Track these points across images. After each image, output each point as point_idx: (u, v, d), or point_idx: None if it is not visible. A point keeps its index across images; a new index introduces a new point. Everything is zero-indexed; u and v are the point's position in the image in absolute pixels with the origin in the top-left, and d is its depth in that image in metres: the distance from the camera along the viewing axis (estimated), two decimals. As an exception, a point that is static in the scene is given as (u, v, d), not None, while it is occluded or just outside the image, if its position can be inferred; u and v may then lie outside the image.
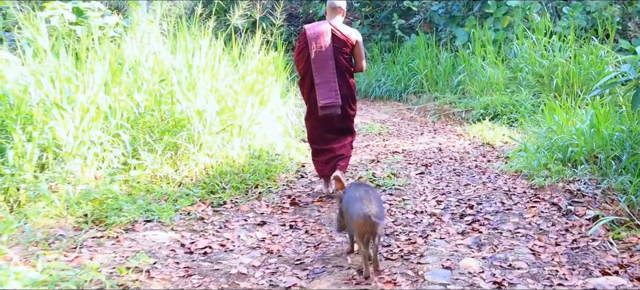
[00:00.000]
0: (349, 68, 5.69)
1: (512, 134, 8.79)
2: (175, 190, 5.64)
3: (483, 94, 11.10)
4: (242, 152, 6.52)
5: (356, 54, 5.70)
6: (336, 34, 5.57)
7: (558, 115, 7.38)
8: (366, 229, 3.74)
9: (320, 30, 5.56)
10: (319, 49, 5.50)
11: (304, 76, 5.72)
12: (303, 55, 5.65)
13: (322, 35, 5.53)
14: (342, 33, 5.59)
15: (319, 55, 5.50)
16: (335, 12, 5.74)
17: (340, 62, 5.59)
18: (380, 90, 14.01)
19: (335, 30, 5.59)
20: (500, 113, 10.12)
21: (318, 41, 5.51)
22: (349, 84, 5.69)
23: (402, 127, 10.25)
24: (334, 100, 5.50)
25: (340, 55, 5.59)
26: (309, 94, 5.69)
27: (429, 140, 8.83)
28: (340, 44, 5.58)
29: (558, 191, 5.69)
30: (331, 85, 5.50)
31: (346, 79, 5.65)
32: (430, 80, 13.04)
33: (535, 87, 10.69)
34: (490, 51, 11.84)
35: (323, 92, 5.50)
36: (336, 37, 5.57)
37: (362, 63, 5.76)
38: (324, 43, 5.51)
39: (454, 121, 10.75)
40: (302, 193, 5.97)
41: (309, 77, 5.62)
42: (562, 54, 10.77)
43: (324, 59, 5.50)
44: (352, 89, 5.74)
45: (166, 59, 6.84)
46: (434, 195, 5.80)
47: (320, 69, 5.51)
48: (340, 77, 5.58)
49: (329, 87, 5.50)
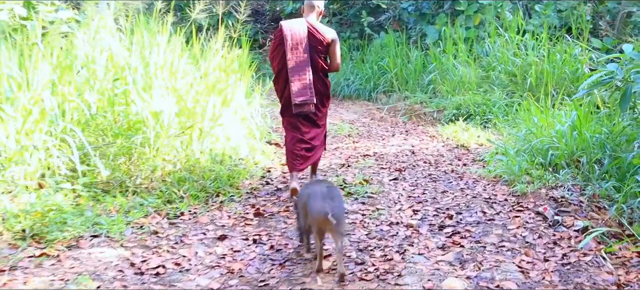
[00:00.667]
0: (325, 67, 5.63)
1: (487, 135, 8.42)
2: (129, 200, 5.12)
3: (455, 93, 10.73)
4: (203, 157, 6.00)
5: (332, 53, 5.61)
6: (312, 32, 5.49)
7: (537, 117, 7.01)
8: (326, 226, 3.69)
9: (297, 28, 5.48)
10: (294, 46, 5.44)
11: (278, 73, 5.61)
12: (278, 52, 5.55)
13: (299, 33, 5.45)
14: (318, 31, 5.51)
15: (294, 52, 5.44)
16: (313, 9, 5.65)
17: (316, 61, 5.52)
18: (349, 89, 13.56)
19: (311, 28, 5.50)
20: (473, 113, 9.76)
21: (294, 38, 5.44)
22: (324, 82, 5.65)
23: (372, 128, 9.82)
24: (308, 97, 5.46)
25: (316, 53, 5.52)
26: (283, 90, 5.60)
27: (401, 142, 8.41)
28: (316, 43, 5.50)
29: (541, 198, 5.31)
30: (305, 83, 5.45)
31: (321, 77, 5.61)
32: (401, 79, 12.63)
33: (509, 87, 10.37)
34: (462, 49, 11.47)
35: (297, 89, 5.45)
36: (312, 36, 5.49)
37: (337, 62, 5.68)
38: (300, 41, 5.44)
39: (426, 121, 10.36)
40: (267, 202, 5.48)
41: (284, 74, 5.52)
42: (535, 53, 10.48)
43: (300, 56, 5.45)
44: (327, 87, 5.70)
45: (122, 56, 6.29)
46: (410, 203, 5.37)
47: (295, 67, 5.44)
48: (316, 75, 5.53)
49: (303, 84, 5.45)
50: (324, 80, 5.66)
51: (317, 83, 5.56)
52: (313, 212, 3.72)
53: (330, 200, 3.72)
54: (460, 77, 10.84)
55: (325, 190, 3.84)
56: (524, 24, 11.13)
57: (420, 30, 13.41)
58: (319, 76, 5.58)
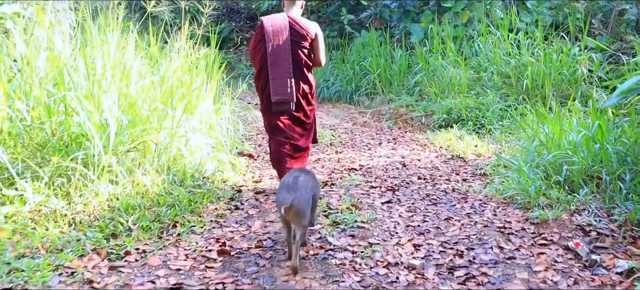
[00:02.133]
0: (308, 63, 5.31)
1: (485, 144, 7.47)
2: (64, 234, 4.07)
3: (444, 96, 9.77)
4: (158, 177, 4.94)
5: (315, 48, 5.30)
6: (295, 27, 5.18)
7: (546, 125, 6.06)
8: (288, 217, 3.67)
9: (279, 23, 5.17)
10: (276, 42, 5.13)
11: (259, 70, 5.27)
12: (259, 48, 5.23)
13: (280, 28, 5.15)
14: (301, 26, 5.20)
15: (275, 49, 5.13)
16: (293, 3, 5.35)
17: (299, 57, 5.22)
18: (329, 91, 12.54)
19: (293, 23, 5.19)
20: (465, 118, 8.81)
21: (276, 34, 5.14)
22: (307, 80, 5.33)
23: (356, 135, 8.81)
24: (287, 96, 5.16)
25: (299, 49, 5.21)
26: (264, 88, 5.27)
27: (389, 153, 7.40)
28: (299, 38, 5.19)
29: (566, 227, 4.35)
30: (284, 80, 5.14)
31: (305, 74, 5.30)
32: (384, 81, 11.63)
33: (502, 89, 9.45)
34: (451, 49, 10.52)
35: (276, 87, 5.15)
36: (295, 31, 5.18)
37: (321, 58, 5.34)
38: (281, 36, 5.14)
39: (414, 127, 9.38)
40: (235, 233, 4.43)
41: (265, 71, 5.20)
42: (529, 53, 9.56)
43: (281, 53, 5.13)
44: (311, 84, 5.37)
45: (65, 56, 5.22)
46: (409, 235, 4.36)
47: (275, 63, 5.14)
48: (299, 72, 5.23)
49: (282, 82, 5.14)
50: (307, 78, 5.32)
51: (301, 80, 5.25)
52: (275, 203, 3.76)
53: (294, 191, 3.65)
54: (450, 79, 9.89)
55: (291, 180, 3.78)
56: (518, 22, 10.19)
57: (404, 29, 12.43)
58: (302, 73, 5.26)
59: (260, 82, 5.30)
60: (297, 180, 3.78)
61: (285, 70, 5.14)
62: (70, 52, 5.48)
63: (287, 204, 3.56)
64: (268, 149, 5.95)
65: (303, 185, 3.76)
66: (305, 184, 3.78)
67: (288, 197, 3.61)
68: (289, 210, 3.60)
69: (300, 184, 3.75)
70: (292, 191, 3.65)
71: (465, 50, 10.57)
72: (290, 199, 3.59)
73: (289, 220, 3.68)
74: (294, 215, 3.63)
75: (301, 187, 3.72)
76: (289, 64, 5.14)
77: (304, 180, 3.83)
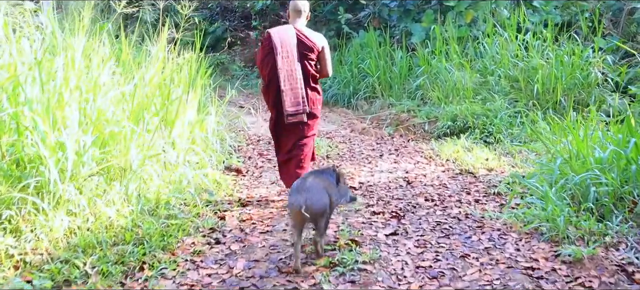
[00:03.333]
0: (315, 75, 5.25)
1: (494, 156, 6.74)
2: (6, 280, 3.34)
3: (448, 101, 9.04)
4: (126, 208, 4.20)
5: (322, 59, 5.26)
6: (302, 39, 5.12)
7: (569, 140, 5.33)
8: (298, 218, 3.59)
9: (286, 36, 5.10)
10: (285, 55, 5.04)
11: (269, 83, 5.16)
12: (268, 61, 5.11)
13: (288, 41, 5.08)
14: (308, 38, 5.14)
15: (285, 61, 5.04)
16: (299, 14, 5.25)
17: (306, 69, 5.15)
18: (326, 95, 11.76)
19: (300, 35, 5.13)
20: (471, 126, 8.08)
21: (284, 47, 5.06)
22: (316, 91, 5.28)
23: (354, 144, 8.07)
24: (301, 108, 5.10)
25: (306, 61, 5.14)
26: (275, 101, 5.15)
27: (391, 167, 6.66)
28: (306, 50, 5.12)
29: (604, 268, 3.62)
30: (297, 92, 5.08)
31: (312, 85, 5.23)
32: (384, 84, 10.87)
33: (511, 94, 8.71)
34: (455, 51, 9.77)
35: (289, 99, 5.06)
36: (302, 43, 5.11)
37: (328, 69, 5.32)
38: (290, 49, 5.06)
39: (416, 135, 8.64)
40: (213, 276, 3.68)
41: (275, 84, 5.09)
42: (539, 55, 8.83)
43: (290, 66, 5.06)
44: (318, 94, 5.31)
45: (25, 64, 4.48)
46: (420, 280, 3.60)
47: (286, 77, 5.05)
48: (307, 84, 5.16)
49: (295, 94, 5.08)
50: (315, 89, 5.27)
51: (309, 92, 5.17)
52: (289, 206, 3.66)
53: (306, 193, 3.60)
54: (454, 83, 9.15)
55: (300, 183, 3.76)
56: (527, 21, 9.44)
57: (405, 29, 11.68)
58: (310, 85, 5.19)
59: (270, 95, 5.19)
60: (305, 181, 3.75)
61: (296, 83, 5.06)
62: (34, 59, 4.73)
63: (300, 206, 3.51)
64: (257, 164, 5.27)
65: (312, 185, 3.71)
66: (315, 185, 3.73)
67: (300, 198, 3.56)
68: (301, 212, 3.50)
69: (309, 184, 3.71)
70: (303, 192, 3.61)
71: (471, 52, 9.82)
72: (302, 200, 3.53)
73: (303, 221, 3.60)
74: (310, 216, 3.53)
75: (311, 187, 3.68)
76: (299, 76, 5.06)
77: (312, 181, 3.77)
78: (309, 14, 5.39)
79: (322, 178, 3.94)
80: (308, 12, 5.34)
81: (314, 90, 5.24)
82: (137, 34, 6.59)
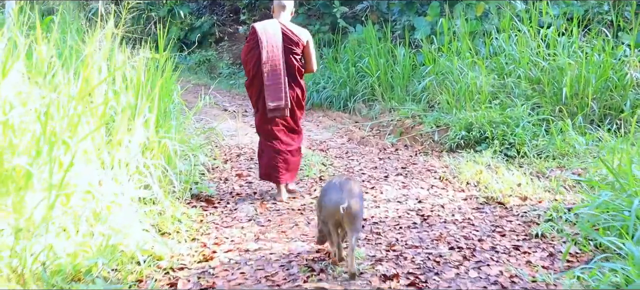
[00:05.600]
0: (300, 69, 5.19)
1: (525, 178, 5.34)
2: None
3: (460, 106, 7.63)
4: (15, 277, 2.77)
5: (307, 54, 5.20)
6: (287, 33, 5.04)
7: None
8: (335, 218, 3.44)
9: (271, 29, 5.02)
10: (270, 49, 4.97)
11: (252, 77, 5.10)
12: (252, 55, 5.05)
13: (273, 35, 5.00)
14: (292, 33, 5.06)
15: (269, 55, 4.97)
16: (284, 9, 5.16)
17: (291, 63, 5.08)
18: (319, 96, 10.32)
19: (285, 29, 5.05)
20: (489, 136, 6.69)
21: (269, 41, 4.98)
22: (300, 86, 5.20)
23: (353, 160, 6.66)
24: (282, 102, 5.02)
25: (291, 55, 5.07)
26: (258, 95, 5.11)
27: (400, 193, 5.24)
28: (291, 44, 5.05)
29: None
30: (280, 86, 5.01)
31: (297, 80, 5.17)
32: (385, 85, 9.42)
33: (533, 98, 7.32)
34: (468, 47, 8.36)
35: (272, 93, 5.00)
36: (287, 37, 5.04)
37: (312, 64, 5.28)
38: (274, 43, 4.99)
39: (425, 146, 7.24)
40: None
41: (259, 78, 5.04)
42: (565, 53, 7.45)
43: (275, 60, 4.98)
44: (303, 90, 5.25)
45: None
46: None
47: (270, 71, 4.98)
48: (291, 78, 5.10)
49: (278, 88, 5.01)
50: (299, 83, 5.20)
51: (293, 87, 5.12)
52: (328, 204, 3.47)
53: (347, 193, 3.44)
54: (467, 85, 7.73)
55: (340, 183, 3.58)
56: (551, 14, 8.02)
57: (407, 23, 10.23)
58: (294, 79, 5.14)
59: (253, 89, 5.12)
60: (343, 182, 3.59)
61: (279, 77, 5.00)
62: None
63: (344, 204, 3.35)
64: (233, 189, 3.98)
65: (351, 187, 3.54)
66: (353, 187, 3.56)
67: (342, 196, 3.40)
68: (340, 211, 3.35)
69: (348, 186, 3.53)
70: (344, 191, 3.45)
71: (487, 49, 8.40)
72: (344, 198, 3.38)
73: (340, 221, 3.45)
74: (348, 216, 3.38)
75: (351, 189, 3.51)
76: (283, 71, 5.01)
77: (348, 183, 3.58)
78: (293, 10, 5.27)
79: (356, 183, 3.73)
80: (292, 8, 5.24)
81: (299, 84, 5.15)
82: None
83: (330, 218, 3.48)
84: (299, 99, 5.18)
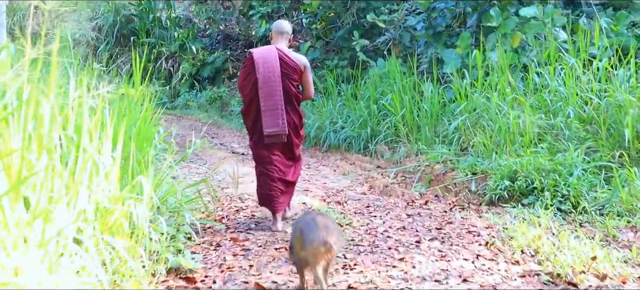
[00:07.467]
0: (298, 95, 5.05)
1: (600, 248, 4.10)
2: None
3: (500, 150, 6.43)
4: None
5: (304, 80, 5.05)
6: (284, 59, 4.91)
7: None
8: (318, 258, 3.24)
9: (268, 55, 4.92)
10: (266, 75, 4.84)
11: (249, 103, 4.98)
12: (249, 80, 4.94)
13: (270, 60, 4.88)
14: (290, 58, 4.94)
15: (266, 80, 4.84)
16: (282, 36, 5.08)
17: (289, 89, 4.93)
18: (337, 137, 9.18)
19: (283, 55, 4.92)
20: (538, 187, 5.47)
21: (266, 66, 4.86)
22: (297, 112, 5.06)
23: (375, 216, 5.45)
24: (279, 128, 4.87)
25: (289, 81, 4.93)
26: (255, 122, 4.96)
27: (437, 268, 3.97)
28: (288, 70, 4.92)
29: None
30: (278, 112, 4.86)
31: (295, 106, 5.02)
32: (410, 125, 8.24)
33: (587, 141, 6.10)
34: (508, 83, 7.18)
35: (269, 119, 4.86)
36: (284, 63, 4.90)
37: (310, 90, 5.13)
38: (271, 68, 4.86)
39: (460, 198, 6.04)
40: None
41: (255, 104, 4.90)
42: (622, 88, 6.26)
43: (272, 85, 4.85)
44: (300, 116, 5.11)
45: None
46: None
47: (267, 96, 4.86)
48: (289, 104, 4.96)
49: (276, 114, 4.86)
50: (297, 110, 5.05)
51: (291, 113, 4.95)
52: (309, 246, 3.22)
53: (325, 229, 3.25)
54: (508, 125, 6.54)
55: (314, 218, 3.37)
56: (606, 44, 6.84)
57: (434, 55, 9.09)
58: (292, 105, 4.97)
59: (250, 115, 4.99)
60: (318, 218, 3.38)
61: (277, 103, 4.85)
62: None
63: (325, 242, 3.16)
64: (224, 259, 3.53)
65: (328, 223, 3.35)
66: (329, 223, 3.39)
67: (323, 234, 3.20)
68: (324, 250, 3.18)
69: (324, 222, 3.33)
70: (322, 229, 3.24)
71: (529, 85, 7.20)
72: (326, 236, 3.19)
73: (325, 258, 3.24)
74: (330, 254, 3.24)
75: (328, 225, 3.32)
76: (280, 96, 4.86)
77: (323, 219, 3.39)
78: (291, 37, 5.18)
79: (328, 218, 3.52)
80: (291, 36, 5.17)
81: (296, 112, 5.03)
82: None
83: (313, 259, 3.25)
84: (296, 125, 5.05)
